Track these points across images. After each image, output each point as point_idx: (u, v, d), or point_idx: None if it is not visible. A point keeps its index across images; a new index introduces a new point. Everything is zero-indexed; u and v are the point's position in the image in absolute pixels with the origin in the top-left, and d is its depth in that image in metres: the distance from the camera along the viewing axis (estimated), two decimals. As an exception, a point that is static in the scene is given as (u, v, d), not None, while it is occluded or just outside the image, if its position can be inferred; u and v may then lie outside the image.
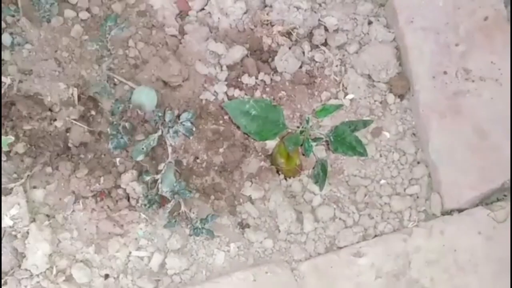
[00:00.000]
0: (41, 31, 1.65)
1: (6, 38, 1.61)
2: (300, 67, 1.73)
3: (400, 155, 1.70)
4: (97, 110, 1.65)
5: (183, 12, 1.77)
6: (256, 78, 1.71)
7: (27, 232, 1.56)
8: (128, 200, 1.61)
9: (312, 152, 1.68)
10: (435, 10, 1.70)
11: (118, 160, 1.63)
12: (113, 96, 1.64)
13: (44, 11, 1.64)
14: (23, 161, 1.60)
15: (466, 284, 1.58)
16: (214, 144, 1.67)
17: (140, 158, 1.59)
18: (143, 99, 1.62)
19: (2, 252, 1.54)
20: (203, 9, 1.77)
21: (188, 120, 1.60)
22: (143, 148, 1.59)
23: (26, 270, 1.55)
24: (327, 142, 1.70)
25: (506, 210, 1.62)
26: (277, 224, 1.64)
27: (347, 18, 1.76)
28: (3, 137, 1.54)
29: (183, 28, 1.74)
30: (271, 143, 1.70)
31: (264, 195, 1.66)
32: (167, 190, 1.57)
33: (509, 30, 1.68)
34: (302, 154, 1.69)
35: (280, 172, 1.69)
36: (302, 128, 1.68)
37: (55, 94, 1.61)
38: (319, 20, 1.75)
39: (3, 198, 1.56)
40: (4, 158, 1.59)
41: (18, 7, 1.62)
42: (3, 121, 1.58)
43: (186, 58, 1.71)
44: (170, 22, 1.74)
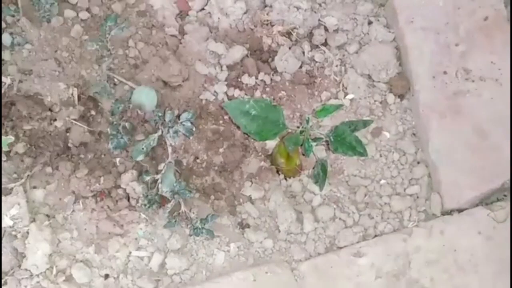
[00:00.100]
0: (41, 31, 1.65)
1: (6, 38, 1.61)
2: (300, 67, 1.73)
3: (400, 155, 1.70)
4: (97, 110, 1.65)
5: (183, 12, 1.77)
6: (256, 78, 1.71)
7: (27, 232, 1.56)
8: (128, 200, 1.61)
9: (312, 152, 1.68)
10: (435, 10, 1.70)
11: (118, 160, 1.63)
12: (113, 96, 1.64)
13: (44, 11, 1.64)
14: (23, 161, 1.60)
15: (466, 284, 1.58)
16: (214, 144, 1.67)
17: (140, 158, 1.59)
18: (143, 99, 1.62)
19: (2, 252, 1.54)
20: (203, 9, 1.77)
21: (188, 120, 1.60)
22: (143, 148, 1.59)
23: (26, 270, 1.55)
24: (327, 142, 1.70)
25: (506, 210, 1.62)
26: (277, 224, 1.64)
27: (347, 18, 1.75)
28: (3, 137, 1.54)
29: (183, 28, 1.74)
30: (271, 143, 1.70)
31: (264, 195, 1.66)
32: (167, 190, 1.57)
33: (509, 30, 1.68)
34: (302, 154, 1.69)
35: (280, 172, 1.69)
36: (302, 128, 1.68)
37: (55, 94, 1.61)
38: (319, 20, 1.74)
39: (3, 198, 1.56)
40: (4, 158, 1.59)
41: (18, 7, 1.61)
42: (3, 121, 1.58)
43: (186, 58, 1.71)
44: (170, 22, 1.74)
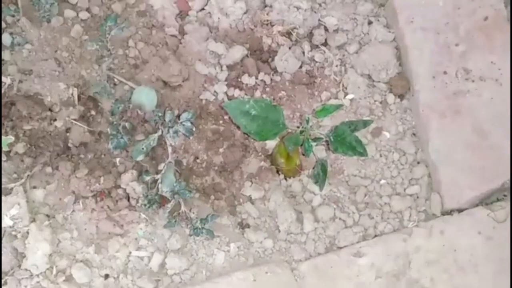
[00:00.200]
0: (41, 31, 1.65)
1: (6, 38, 1.61)
2: (300, 67, 1.73)
3: (400, 155, 1.70)
4: (97, 110, 1.65)
5: (183, 12, 1.77)
6: (256, 78, 1.71)
7: (27, 232, 1.56)
8: (128, 200, 1.61)
9: (312, 152, 1.68)
10: (435, 10, 1.70)
11: (118, 160, 1.63)
12: (113, 96, 1.64)
13: (44, 11, 1.64)
14: (23, 161, 1.60)
15: (466, 284, 1.58)
16: (214, 144, 1.67)
17: (140, 158, 1.59)
18: (143, 99, 1.62)
19: (2, 252, 1.54)
20: (203, 9, 1.77)
21: (188, 120, 1.60)
22: (143, 148, 1.59)
23: (26, 270, 1.55)
24: (327, 142, 1.70)
25: (506, 210, 1.62)
26: (277, 224, 1.64)
27: (347, 18, 1.75)
28: (3, 137, 1.54)
29: (183, 28, 1.74)
30: (271, 143, 1.70)
31: (264, 195, 1.66)
32: (167, 190, 1.57)
33: (509, 30, 1.68)
34: (302, 154, 1.69)
35: (280, 172, 1.69)
36: (302, 128, 1.68)
37: (55, 94, 1.61)
38: (319, 20, 1.74)
39: (3, 198, 1.56)
40: (4, 158, 1.59)
41: (18, 7, 1.61)
42: (3, 121, 1.58)
43: (186, 58, 1.71)
44: (170, 22, 1.74)
